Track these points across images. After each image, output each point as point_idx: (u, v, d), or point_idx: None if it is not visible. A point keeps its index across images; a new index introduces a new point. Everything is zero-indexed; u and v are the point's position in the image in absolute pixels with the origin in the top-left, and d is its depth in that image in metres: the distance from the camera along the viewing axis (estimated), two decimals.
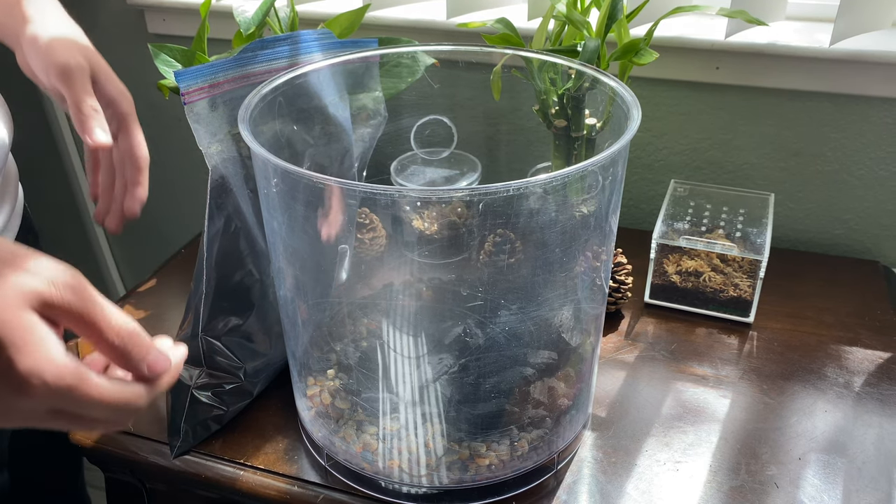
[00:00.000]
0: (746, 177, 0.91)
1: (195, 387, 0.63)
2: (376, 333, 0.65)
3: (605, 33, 0.67)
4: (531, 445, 0.58)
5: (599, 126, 0.69)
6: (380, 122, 0.70)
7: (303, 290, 0.59)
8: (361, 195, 0.50)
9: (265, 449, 0.63)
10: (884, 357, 0.72)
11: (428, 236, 0.70)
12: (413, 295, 0.70)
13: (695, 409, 0.67)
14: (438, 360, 0.60)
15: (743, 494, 0.58)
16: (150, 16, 1.05)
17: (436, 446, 0.57)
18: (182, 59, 0.67)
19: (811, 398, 0.67)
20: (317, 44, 0.64)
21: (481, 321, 0.63)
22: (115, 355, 0.37)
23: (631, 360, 0.73)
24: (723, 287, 0.77)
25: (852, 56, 0.78)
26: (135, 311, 0.81)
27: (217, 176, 0.60)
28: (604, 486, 0.59)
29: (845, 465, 0.61)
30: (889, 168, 0.85)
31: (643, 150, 0.93)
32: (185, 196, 1.24)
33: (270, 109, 0.57)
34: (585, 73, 0.62)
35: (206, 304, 0.62)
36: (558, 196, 0.51)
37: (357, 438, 0.58)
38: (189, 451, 0.63)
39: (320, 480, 0.60)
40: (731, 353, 0.73)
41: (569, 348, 0.60)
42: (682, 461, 0.61)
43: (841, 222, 0.90)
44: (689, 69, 0.85)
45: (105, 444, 0.65)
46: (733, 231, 0.80)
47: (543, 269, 0.55)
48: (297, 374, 0.62)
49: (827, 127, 0.85)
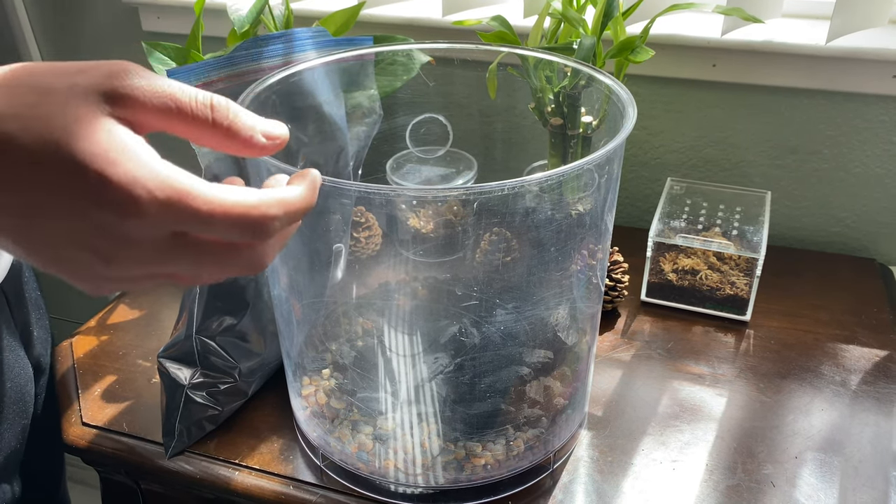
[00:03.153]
0: (743, 174, 0.91)
1: (190, 387, 0.62)
2: (372, 333, 0.65)
3: (600, 31, 0.67)
4: (527, 445, 0.58)
5: (595, 124, 0.69)
6: (375, 121, 0.70)
7: (297, 289, 0.59)
8: (357, 194, 0.50)
9: (260, 449, 0.63)
10: (880, 355, 0.72)
11: (423, 235, 0.70)
12: (408, 294, 0.69)
13: (691, 408, 0.66)
14: (434, 359, 0.60)
15: (739, 493, 0.58)
16: (145, 13, 1.05)
17: (431, 446, 0.57)
18: (176, 57, 0.67)
19: (808, 396, 0.67)
20: (311, 42, 0.63)
21: (477, 320, 0.63)
22: (220, 134, 0.31)
23: (627, 359, 0.72)
24: (719, 285, 0.77)
25: (849, 53, 0.78)
26: (130, 310, 0.81)
27: (210, 175, 0.59)
28: (600, 485, 0.59)
29: (842, 463, 0.61)
30: (885, 165, 0.85)
31: (639, 148, 0.93)
32: None
33: (265, 108, 0.57)
34: (581, 71, 0.61)
35: (200, 304, 0.62)
36: (554, 194, 0.51)
37: (352, 438, 0.58)
38: (184, 452, 0.63)
39: (316, 481, 0.60)
40: (728, 352, 0.73)
41: (565, 347, 0.60)
42: (679, 460, 0.61)
43: (837, 220, 0.90)
44: (686, 67, 0.85)
45: (99, 444, 0.65)
46: (730, 229, 0.80)
47: (539, 268, 0.55)
48: (292, 373, 0.62)
49: (823, 124, 0.85)
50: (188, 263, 0.31)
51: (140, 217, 0.27)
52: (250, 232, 0.30)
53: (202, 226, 0.29)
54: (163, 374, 0.64)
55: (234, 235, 0.30)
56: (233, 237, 0.30)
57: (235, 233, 0.30)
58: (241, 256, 0.32)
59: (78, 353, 0.74)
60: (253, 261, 0.32)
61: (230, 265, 0.32)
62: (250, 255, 0.32)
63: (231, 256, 0.31)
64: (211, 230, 0.30)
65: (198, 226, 0.29)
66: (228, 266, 0.32)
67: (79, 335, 0.77)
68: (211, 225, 0.29)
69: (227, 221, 0.29)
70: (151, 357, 0.74)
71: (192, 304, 0.62)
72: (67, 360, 0.74)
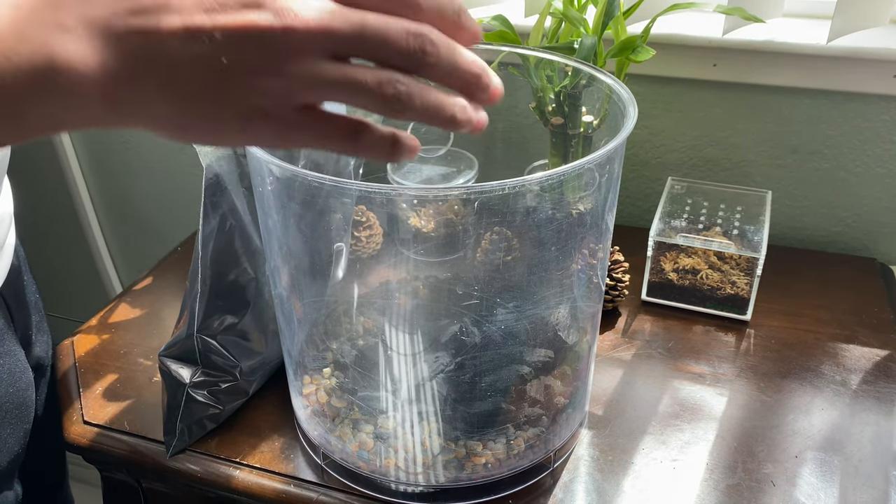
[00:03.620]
0: (744, 174, 0.91)
1: (191, 385, 0.63)
2: (372, 332, 0.65)
3: (601, 30, 0.67)
4: (527, 444, 0.58)
5: (596, 123, 0.69)
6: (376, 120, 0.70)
7: (298, 288, 0.59)
8: (358, 193, 0.50)
9: (261, 448, 0.63)
10: (881, 355, 0.72)
11: (424, 234, 0.70)
12: (409, 293, 0.70)
13: (691, 407, 0.66)
14: (435, 358, 0.60)
15: (739, 493, 0.58)
16: None
17: (432, 445, 0.57)
18: None
19: (808, 396, 0.67)
20: None
21: (478, 319, 0.63)
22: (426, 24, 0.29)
23: (628, 358, 0.72)
24: (720, 285, 0.77)
25: (850, 53, 0.78)
26: (131, 309, 0.81)
27: (211, 174, 0.59)
28: (600, 484, 0.59)
29: (842, 462, 0.61)
30: (886, 165, 0.85)
31: (640, 148, 0.93)
32: (180, 194, 1.23)
33: None
34: (582, 71, 0.61)
35: (201, 303, 0.62)
36: (555, 194, 0.51)
37: (353, 437, 0.58)
38: (185, 450, 0.63)
39: (316, 479, 0.60)
40: (728, 351, 0.73)
41: (565, 346, 0.60)
42: (679, 459, 0.61)
43: (838, 220, 0.90)
44: (686, 66, 0.85)
45: (101, 442, 0.65)
46: (730, 228, 0.80)
47: (540, 267, 0.55)
48: (293, 372, 0.62)
49: (824, 124, 0.85)
50: (370, 98, 0.30)
51: (309, 41, 0.27)
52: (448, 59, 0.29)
53: (381, 45, 0.29)
54: (164, 372, 0.64)
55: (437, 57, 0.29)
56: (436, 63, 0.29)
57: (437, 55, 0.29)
58: (426, 102, 0.30)
59: (79, 351, 0.74)
60: (440, 111, 0.30)
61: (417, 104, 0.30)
62: (435, 105, 0.30)
63: (410, 98, 0.30)
64: (390, 55, 0.29)
65: (375, 46, 0.29)
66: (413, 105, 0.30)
67: (80, 334, 0.77)
68: (388, 45, 0.28)
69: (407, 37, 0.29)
70: (152, 356, 0.74)
71: (194, 303, 0.62)
72: (69, 358, 0.74)
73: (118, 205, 1.30)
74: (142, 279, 0.86)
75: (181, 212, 1.26)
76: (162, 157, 1.19)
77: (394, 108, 0.30)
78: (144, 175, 1.23)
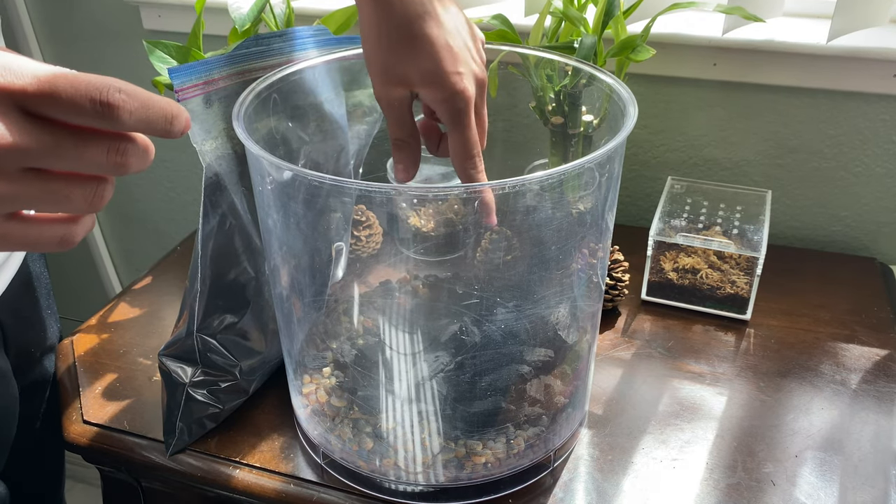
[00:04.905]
0: (743, 174, 0.91)
1: (190, 385, 0.63)
2: (372, 331, 0.65)
3: (601, 30, 0.67)
4: (527, 443, 0.58)
5: (596, 123, 0.69)
6: (376, 119, 0.70)
7: (298, 287, 0.59)
8: (357, 192, 0.50)
9: (261, 447, 0.63)
10: (880, 354, 0.72)
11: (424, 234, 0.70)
12: (409, 292, 0.70)
13: (691, 407, 0.66)
14: (434, 357, 0.60)
15: (739, 492, 0.58)
16: (146, 12, 1.05)
17: (432, 444, 0.57)
18: (177, 55, 0.67)
19: (808, 395, 0.67)
20: (312, 40, 0.63)
21: (478, 319, 0.63)
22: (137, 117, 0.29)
23: (628, 358, 0.72)
24: (720, 284, 0.77)
25: (850, 52, 0.78)
26: (131, 308, 0.81)
27: (211, 173, 0.59)
28: (600, 483, 0.59)
29: (842, 462, 0.61)
30: (886, 165, 0.85)
31: (640, 147, 0.93)
32: (180, 193, 1.23)
33: (265, 106, 0.57)
34: (582, 70, 0.61)
35: (200, 302, 0.62)
36: (555, 193, 0.51)
37: (353, 436, 0.58)
38: (185, 450, 0.63)
39: (316, 479, 0.60)
40: (728, 351, 0.73)
41: (565, 346, 0.60)
42: (679, 458, 0.61)
43: (838, 219, 0.90)
44: (686, 66, 0.85)
45: (100, 442, 0.65)
46: (730, 228, 0.80)
47: (540, 267, 0.55)
48: (293, 372, 0.62)
49: (824, 124, 0.85)
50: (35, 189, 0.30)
51: None
52: (98, 103, 0.29)
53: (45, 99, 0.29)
54: (164, 372, 0.64)
55: (83, 105, 0.29)
56: (81, 111, 0.29)
57: (84, 102, 0.29)
58: (85, 188, 0.31)
59: (79, 351, 0.74)
60: (94, 199, 0.32)
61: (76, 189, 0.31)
62: (94, 190, 0.31)
63: (75, 187, 0.31)
64: (56, 104, 0.29)
65: (62, 109, 0.29)
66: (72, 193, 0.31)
67: (79, 333, 0.77)
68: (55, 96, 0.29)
69: (71, 90, 0.29)
70: (152, 355, 0.74)
71: (193, 303, 0.62)
72: (68, 358, 0.74)
73: (118, 204, 1.30)
74: (141, 279, 0.86)
75: (181, 211, 1.26)
76: (161, 157, 1.19)
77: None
78: (144, 175, 1.23)
